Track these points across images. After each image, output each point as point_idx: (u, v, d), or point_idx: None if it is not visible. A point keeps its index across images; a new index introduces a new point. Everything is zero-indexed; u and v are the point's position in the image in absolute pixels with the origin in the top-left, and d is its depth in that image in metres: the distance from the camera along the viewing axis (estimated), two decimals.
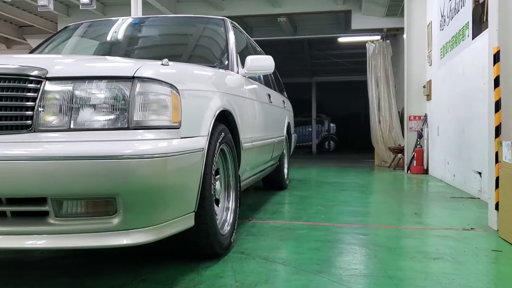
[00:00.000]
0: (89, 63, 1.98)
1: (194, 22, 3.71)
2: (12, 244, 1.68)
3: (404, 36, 7.69)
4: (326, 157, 12.20)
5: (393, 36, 9.56)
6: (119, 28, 3.63)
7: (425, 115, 7.31)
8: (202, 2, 9.28)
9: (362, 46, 10.17)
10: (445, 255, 2.40)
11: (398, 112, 8.76)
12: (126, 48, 3.50)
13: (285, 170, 5.05)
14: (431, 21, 6.90)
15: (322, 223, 3.20)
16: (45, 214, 1.66)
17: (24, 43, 12.21)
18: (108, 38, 3.56)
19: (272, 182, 4.81)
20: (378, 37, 9.28)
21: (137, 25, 3.74)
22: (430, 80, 6.99)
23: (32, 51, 3.50)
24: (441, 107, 6.24)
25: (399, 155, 7.99)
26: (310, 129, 15.26)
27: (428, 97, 7.13)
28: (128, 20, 3.74)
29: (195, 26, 3.62)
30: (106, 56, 2.78)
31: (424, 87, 7.34)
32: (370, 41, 9.17)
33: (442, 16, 6.14)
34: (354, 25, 9.26)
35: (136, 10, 6.86)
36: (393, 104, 8.71)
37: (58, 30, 10.48)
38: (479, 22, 4.41)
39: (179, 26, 3.73)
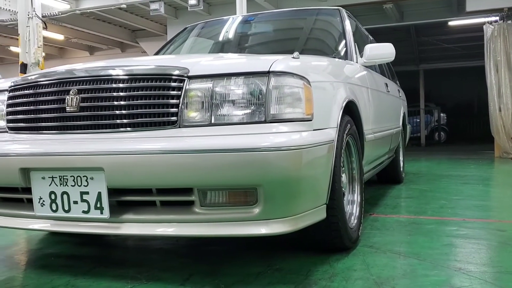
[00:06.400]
0: (225, 61, 2.06)
1: (308, 14, 3.70)
2: (162, 231, 1.81)
3: None
4: (437, 149, 11.54)
5: None
6: (232, 26, 3.74)
7: None
8: None
9: (475, 29, 9.41)
10: None
11: None
12: (242, 45, 3.59)
13: (401, 163, 4.86)
14: None
15: (451, 218, 3.02)
16: (191, 203, 1.77)
17: (137, 46, 13.15)
18: (223, 36, 3.68)
19: (387, 175, 4.64)
20: (496, 18, 8.51)
21: (250, 22, 3.82)
22: None
23: (157, 52, 3.74)
24: None
25: None
26: (418, 120, 14.50)
27: None
28: (240, 18, 3.84)
29: (309, 18, 3.60)
30: (238, 54, 2.89)
31: None
32: (487, 22, 8.44)
33: None
34: (469, 7, 8.56)
35: (241, 7, 6.99)
36: None
37: (167, 32, 10.99)
38: None
39: (293, 20, 3.74)
